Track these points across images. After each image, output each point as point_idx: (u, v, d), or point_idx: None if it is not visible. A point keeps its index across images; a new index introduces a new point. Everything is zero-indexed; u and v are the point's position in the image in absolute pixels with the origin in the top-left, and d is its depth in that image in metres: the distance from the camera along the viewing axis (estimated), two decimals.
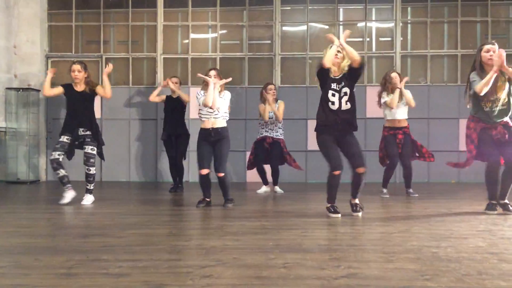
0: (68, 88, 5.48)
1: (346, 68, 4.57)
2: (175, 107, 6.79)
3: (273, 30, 8.63)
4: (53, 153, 5.33)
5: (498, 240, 3.41)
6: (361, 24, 8.64)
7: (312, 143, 8.34)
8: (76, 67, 5.42)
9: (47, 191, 7.17)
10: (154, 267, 2.70)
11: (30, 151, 8.27)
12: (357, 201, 4.65)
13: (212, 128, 5.15)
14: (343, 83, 4.53)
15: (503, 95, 4.54)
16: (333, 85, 4.53)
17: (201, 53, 8.71)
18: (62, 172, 5.36)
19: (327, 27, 8.68)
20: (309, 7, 8.63)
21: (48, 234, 3.77)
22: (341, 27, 8.64)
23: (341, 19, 8.65)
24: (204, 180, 5.16)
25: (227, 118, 5.31)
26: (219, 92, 5.26)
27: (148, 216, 4.66)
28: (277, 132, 6.66)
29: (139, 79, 8.75)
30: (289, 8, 8.73)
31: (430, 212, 4.78)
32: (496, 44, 4.59)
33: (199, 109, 5.27)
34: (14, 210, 5.10)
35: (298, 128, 8.46)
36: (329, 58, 4.55)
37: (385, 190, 6.24)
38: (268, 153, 6.64)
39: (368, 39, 8.60)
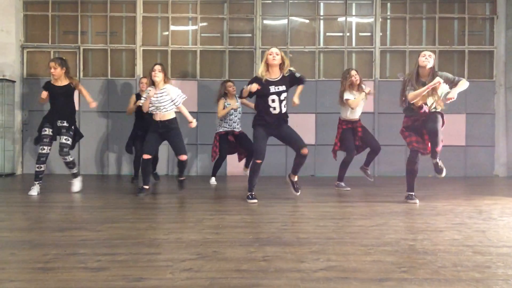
0: (48, 85, 5.66)
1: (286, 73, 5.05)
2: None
3: (253, 23, 8.61)
4: (44, 147, 5.51)
5: (473, 233, 3.49)
6: (341, 19, 8.68)
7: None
8: (52, 64, 5.58)
9: (23, 184, 7.03)
10: (133, 261, 2.68)
11: (6, 143, 8.09)
12: (296, 178, 5.23)
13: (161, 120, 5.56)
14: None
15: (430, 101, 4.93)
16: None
17: (181, 46, 8.63)
18: (43, 167, 5.58)
19: (307, 21, 8.70)
20: (290, 1, 8.62)
21: (24, 228, 3.71)
22: (321, 21, 8.67)
23: (321, 13, 8.68)
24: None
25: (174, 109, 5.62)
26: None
27: (127, 209, 4.61)
28: (239, 125, 6.83)
29: (117, 71, 8.62)
30: (270, 1, 8.71)
31: (407, 206, 4.86)
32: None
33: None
34: None
35: None
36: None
37: (343, 184, 6.35)
38: (236, 145, 6.84)
39: (348, 34, 8.65)
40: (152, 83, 5.56)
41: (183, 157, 5.55)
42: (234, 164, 8.07)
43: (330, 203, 5.10)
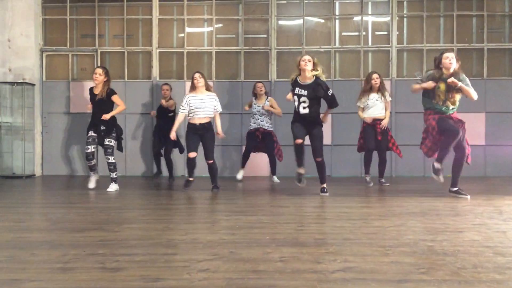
0: (90, 91, 6.27)
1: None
2: (164, 111, 7.63)
3: (269, 24, 8.61)
4: (88, 146, 6.18)
5: (493, 234, 3.43)
6: (357, 18, 8.63)
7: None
8: (98, 70, 6.16)
9: (42, 186, 7.14)
10: (151, 261, 2.70)
11: (26, 145, 8.24)
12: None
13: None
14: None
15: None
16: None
17: (197, 47, 8.68)
18: (93, 161, 6.31)
19: (323, 21, 8.66)
20: (305, 1, 8.60)
21: (44, 229, 3.77)
22: (337, 21, 8.62)
23: (337, 13, 8.63)
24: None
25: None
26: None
27: (144, 210, 4.65)
28: (268, 123, 7.28)
29: (134, 73, 8.71)
30: (285, 1, 8.70)
31: (426, 206, 4.80)
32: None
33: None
34: (10, 205, 5.08)
35: None
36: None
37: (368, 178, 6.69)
38: (262, 141, 7.25)
39: (364, 33, 8.58)
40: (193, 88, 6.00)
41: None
42: (250, 165, 8.09)
43: (346, 203, 5.06)
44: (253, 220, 4.01)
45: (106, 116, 6.00)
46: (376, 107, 6.57)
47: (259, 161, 7.91)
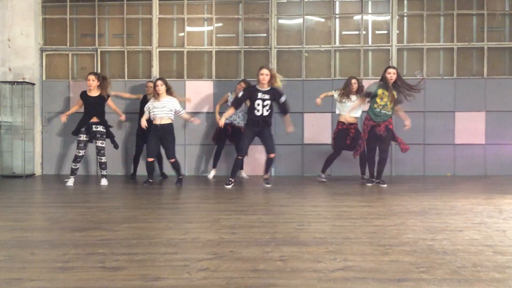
0: (83, 95, 6.90)
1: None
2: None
3: (269, 23, 8.60)
4: (80, 151, 6.78)
5: (493, 233, 3.43)
6: (357, 17, 8.62)
7: (308, 137, 8.39)
8: (91, 77, 6.81)
9: (42, 185, 7.15)
10: (151, 261, 2.70)
11: (26, 145, 8.24)
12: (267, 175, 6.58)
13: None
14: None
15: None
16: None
17: (197, 47, 8.68)
18: (78, 165, 6.85)
19: (323, 20, 8.66)
20: (305, 0, 8.59)
21: (44, 228, 3.77)
22: (337, 20, 8.62)
23: (337, 12, 8.63)
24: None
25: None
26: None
27: (144, 209, 4.65)
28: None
29: (134, 73, 8.70)
30: (285, 0, 8.69)
31: (426, 205, 4.80)
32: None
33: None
34: (10, 204, 5.09)
35: (294, 122, 8.43)
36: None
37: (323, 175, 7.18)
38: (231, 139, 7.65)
39: (364, 32, 8.58)
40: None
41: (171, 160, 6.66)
42: (250, 164, 8.10)
43: (346, 202, 5.06)
44: (253, 219, 4.01)
45: (122, 117, 7.20)
46: (345, 106, 7.01)
47: (259, 161, 7.90)
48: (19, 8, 8.40)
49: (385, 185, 6.50)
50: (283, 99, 6.38)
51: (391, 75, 6.39)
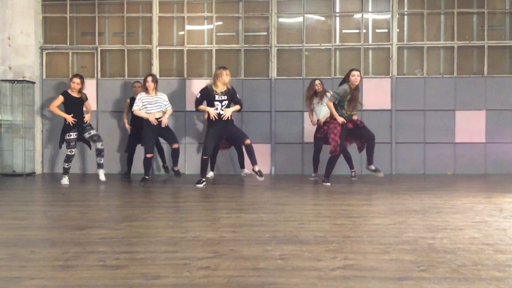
0: (66, 95, 6.95)
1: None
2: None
3: (269, 21, 8.60)
4: (73, 150, 6.91)
5: (494, 231, 3.43)
6: (357, 16, 8.62)
7: (309, 136, 8.38)
8: (76, 80, 6.90)
9: (43, 184, 7.15)
10: (151, 259, 2.70)
11: (26, 143, 8.24)
12: (257, 168, 6.47)
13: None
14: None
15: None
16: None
17: (197, 45, 8.67)
18: (71, 164, 6.95)
19: (323, 18, 8.65)
20: None
21: (44, 227, 3.77)
22: (337, 18, 8.61)
23: (337, 10, 8.62)
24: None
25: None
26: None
27: (144, 208, 4.66)
28: None
29: (134, 71, 8.70)
30: None
31: (426, 203, 4.80)
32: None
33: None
34: (10, 203, 5.09)
35: (294, 120, 8.46)
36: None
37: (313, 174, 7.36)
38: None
39: (364, 31, 8.57)
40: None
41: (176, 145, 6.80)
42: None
43: (347, 201, 5.07)
44: (254, 218, 4.01)
45: (87, 118, 7.01)
46: (321, 111, 7.22)
47: (260, 160, 7.89)
48: (19, 6, 8.39)
49: (381, 173, 6.61)
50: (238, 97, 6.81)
51: (355, 77, 6.34)
